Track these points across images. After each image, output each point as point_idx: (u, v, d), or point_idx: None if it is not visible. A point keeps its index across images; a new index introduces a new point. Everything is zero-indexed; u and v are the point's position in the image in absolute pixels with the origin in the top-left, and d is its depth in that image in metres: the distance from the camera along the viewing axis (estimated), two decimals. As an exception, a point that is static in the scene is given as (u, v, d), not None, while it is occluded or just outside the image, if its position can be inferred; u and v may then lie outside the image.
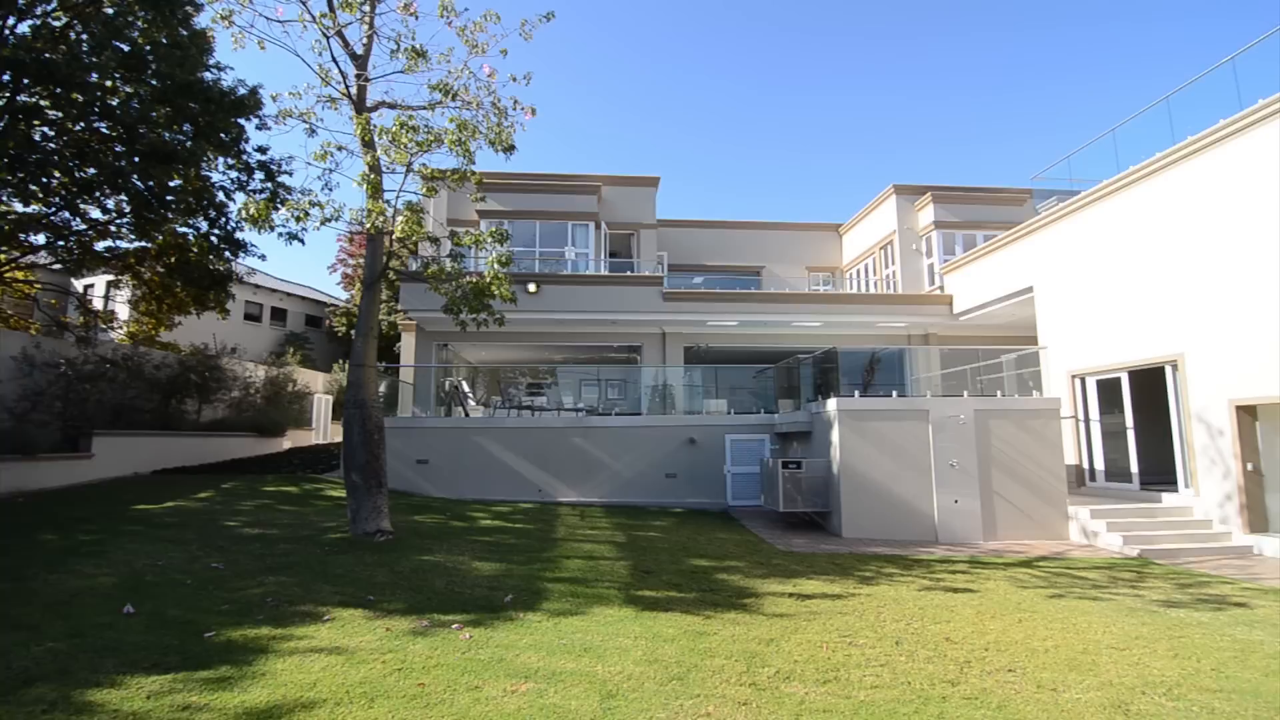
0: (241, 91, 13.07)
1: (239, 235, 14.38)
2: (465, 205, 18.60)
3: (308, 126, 9.18)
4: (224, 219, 14.12)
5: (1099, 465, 12.87)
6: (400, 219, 9.09)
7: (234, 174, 13.94)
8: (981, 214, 19.96)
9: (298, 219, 8.69)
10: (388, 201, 8.98)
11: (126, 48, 11.57)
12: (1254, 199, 9.89)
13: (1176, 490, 11.18)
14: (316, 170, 9.10)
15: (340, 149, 9.15)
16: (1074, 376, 13.44)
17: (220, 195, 13.91)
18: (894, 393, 12.27)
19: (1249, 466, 9.96)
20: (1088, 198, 13.16)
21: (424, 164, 9.63)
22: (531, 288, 16.56)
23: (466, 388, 16.50)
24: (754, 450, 14.33)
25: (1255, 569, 8.63)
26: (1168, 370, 11.39)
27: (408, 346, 18.36)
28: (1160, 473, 11.69)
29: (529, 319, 17.09)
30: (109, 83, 11.32)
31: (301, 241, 9.53)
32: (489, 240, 9.59)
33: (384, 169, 9.11)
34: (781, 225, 24.12)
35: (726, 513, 13.36)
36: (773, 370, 17.37)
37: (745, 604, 6.26)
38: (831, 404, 11.23)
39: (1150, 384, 11.90)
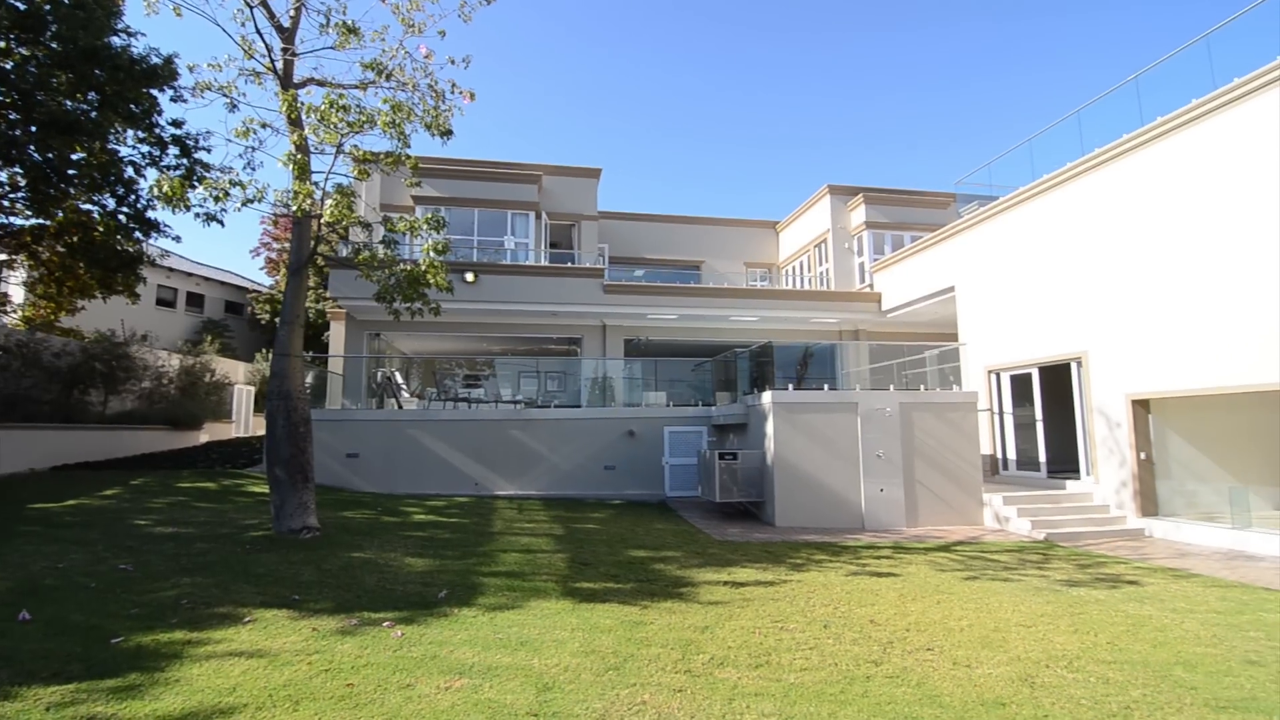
0: (155, 60, 12.21)
1: (151, 214, 13.46)
2: (400, 190, 18.01)
3: (228, 101, 8.69)
4: (134, 196, 13.19)
5: (1011, 455, 13.73)
6: (329, 202, 8.71)
7: (145, 148, 13.02)
8: (909, 216, 20.84)
9: (217, 199, 8.22)
10: (316, 183, 8.60)
11: (22, 6, 10.60)
12: (1146, 211, 10.72)
13: (1079, 478, 12.05)
14: (238, 148, 8.65)
15: (264, 126, 8.71)
16: (990, 372, 14.26)
17: (130, 171, 12.98)
18: (826, 386, 12.69)
19: (1142, 455, 10.83)
20: (1004, 203, 13.95)
21: (355, 146, 9.27)
22: (469, 277, 16.23)
23: (400, 379, 16.02)
24: (692, 442, 14.55)
25: (1146, 550, 9.41)
26: (1073, 366, 12.24)
27: (337, 336, 17.66)
28: (1065, 461, 12.57)
29: (466, 309, 16.74)
30: (1, 44, 10.35)
31: (221, 223, 9.01)
32: (424, 227, 9.33)
33: (312, 149, 8.72)
34: (721, 221, 24.48)
35: (664, 504, 13.52)
36: (711, 363, 17.65)
37: (681, 593, 6.37)
38: (767, 397, 11.52)
39: (1058, 379, 12.76)
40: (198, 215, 8.80)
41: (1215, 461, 10.84)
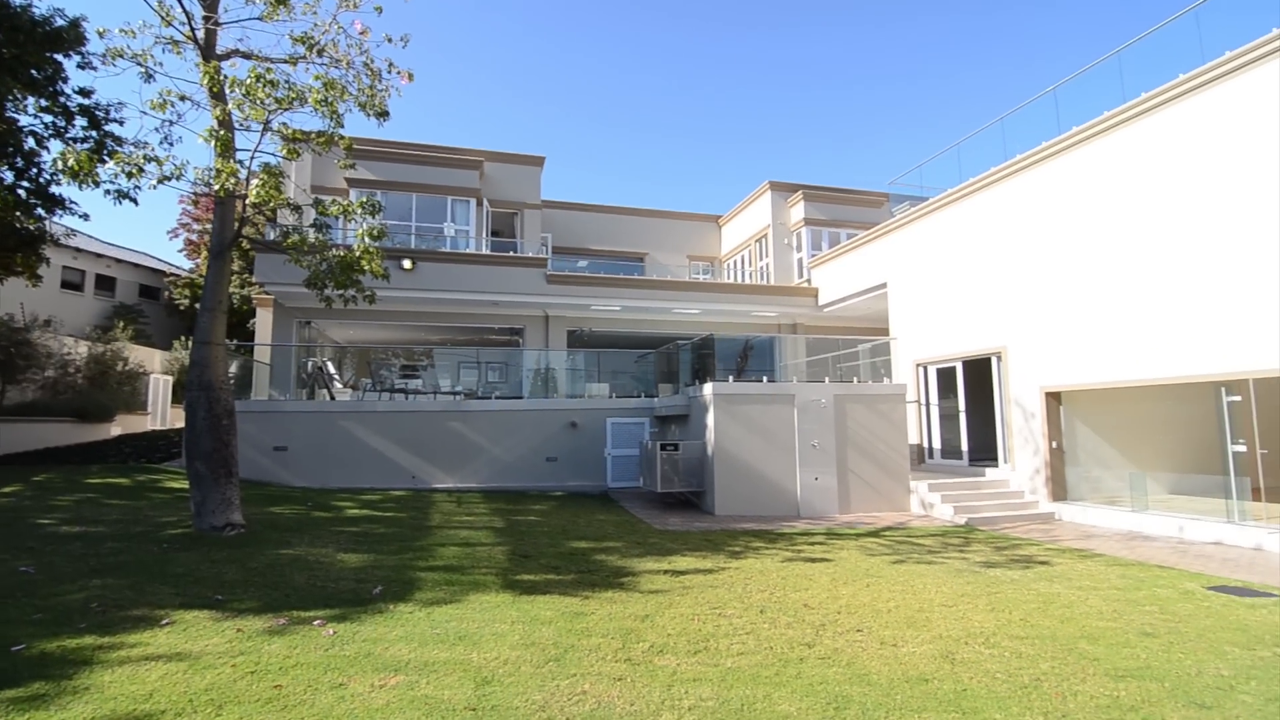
0: (59, 22, 11.26)
1: (55, 190, 12.45)
2: (333, 172, 17.28)
3: (144, 71, 8.12)
4: (36, 169, 12.17)
5: (937, 444, 14.42)
6: (255, 182, 8.27)
7: (49, 118, 12.00)
8: (846, 214, 21.49)
9: (129, 175, 7.67)
10: (241, 162, 8.16)
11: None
12: (1058, 217, 11.41)
13: (997, 466, 12.78)
14: (154, 121, 8.11)
15: (184, 99, 8.18)
16: (918, 365, 14.91)
17: (31, 142, 11.95)
18: (765, 378, 12.99)
19: (1054, 444, 11.58)
20: (933, 204, 14.57)
21: (284, 123, 8.83)
22: (407, 264, 15.77)
23: (332, 369, 15.46)
24: (634, 433, 14.63)
25: (1056, 532, 10.08)
26: (993, 361, 12.94)
27: (264, 323, 16.85)
28: (986, 450, 13.31)
29: (404, 297, 16.27)
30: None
31: (134, 201, 8.38)
32: (359, 211, 8.99)
33: (237, 125, 8.26)
34: (665, 213, 24.59)
35: (606, 495, 13.57)
36: (654, 355, 17.77)
37: (622, 583, 6.42)
38: (708, 388, 11.69)
39: (980, 373, 13.48)
40: (108, 192, 8.18)
41: (1117, 449, 11.70)
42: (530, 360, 17.22)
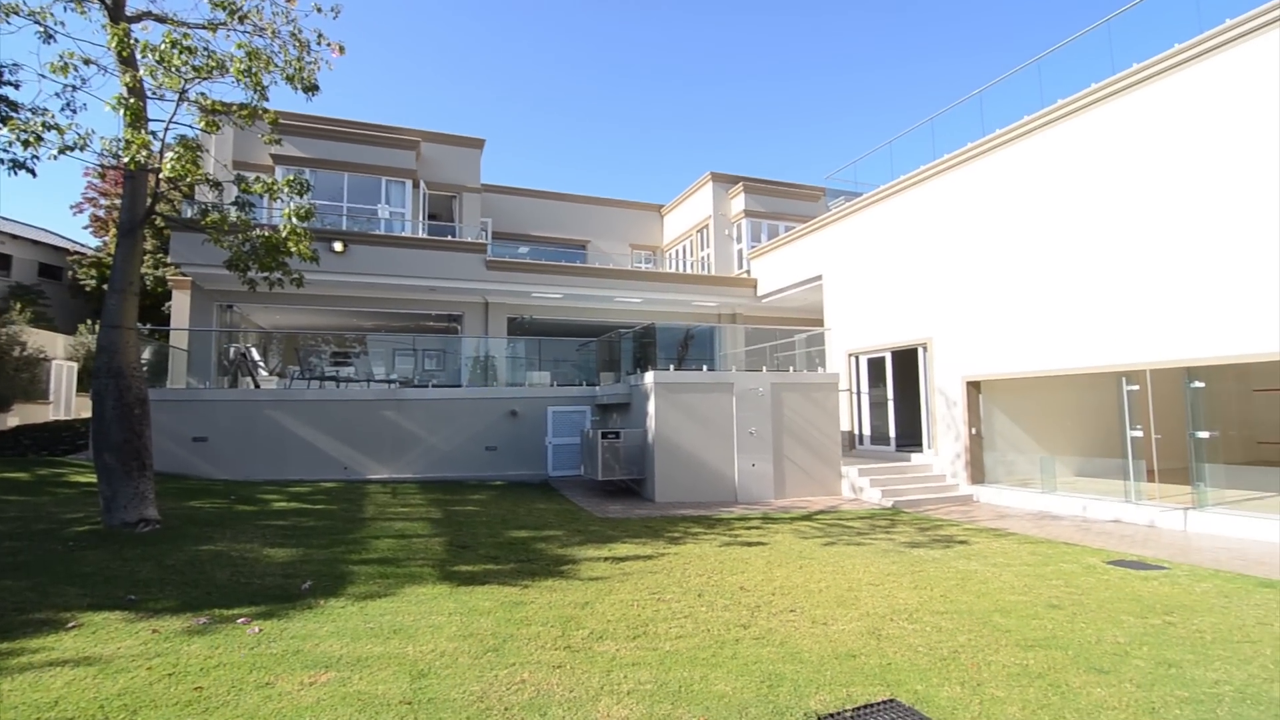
0: (-65, -29, 10.16)
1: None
2: (258, 148, 16.36)
3: (43, 30, 7.46)
4: (-90, 134, 10.99)
5: (867, 431, 15.02)
6: (170, 155, 7.73)
7: (-75, 77, 10.85)
8: (784, 206, 21.95)
9: (26, 143, 7.06)
10: (154, 133, 7.62)
11: None
12: (980, 214, 12.01)
13: (922, 451, 13.42)
14: (55, 85, 7.46)
15: (89, 63, 7.57)
16: (851, 355, 15.46)
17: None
18: (705, 367, 13.18)
19: (974, 431, 12.25)
20: (866, 200, 15.07)
21: (203, 94, 8.30)
22: (338, 246, 15.14)
23: (257, 355, 14.72)
24: (575, 421, 14.59)
25: (974, 513, 10.69)
26: (920, 351, 13.55)
27: (181, 307, 15.89)
28: (912, 436, 13.95)
29: (335, 281, 15.63)
30: None
31: (31, 172, 7.70)
32: (285, 190, 8.55)
33: (150, 94, 7.72)
34: (608, 201, 24.48)
35: (547, 483, 13.50)
36: (595, 343, 17.73)
37: (563, 571, 6.42)
38: (649, 377, 11.78)
39: (908, 362, 14.09)
40: (2, 162, 7.50)
41: (1030, 435, 12.49)
42: (469, 348, 16.87)
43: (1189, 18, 9.44)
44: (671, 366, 12.81)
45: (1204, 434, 9.20)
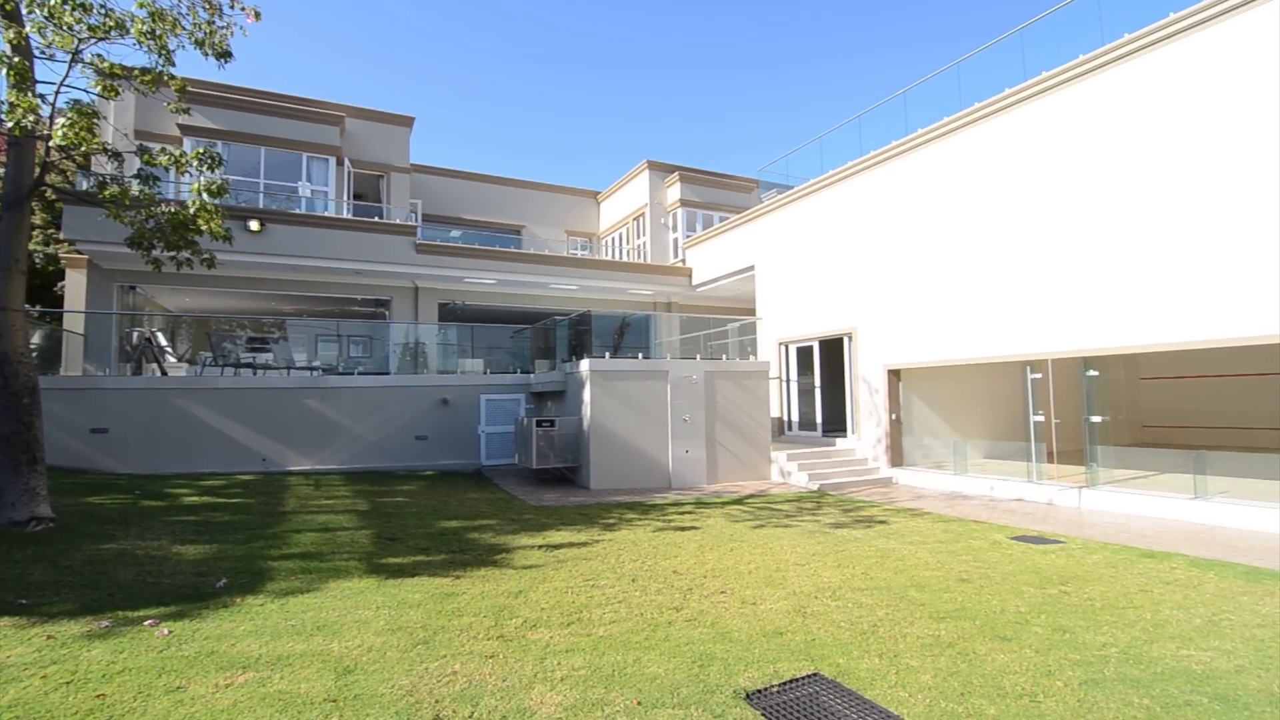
0: None
1: None
2: (164, 117, 15.21)
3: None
4: None
5: (795, 417, 15.53)
6: (62, 121, 7.08)
7: None
8: (719, 197, 22.24)
9: (-115, 103, 6.31)
10: (43, 96, 6.96)
11: None
12: (901, 210, 12.56)
13: (846, 436, 13.99)
14: (-82, 39, 6.68)
15: (-40, 15, 6.81)
16: (781, 344, 15.90)
17: None
18: (640, 355, 13.27)
19: (894, 416, 12.86)
20: (797, 193, 15.48)
21: (99, 55, 7.62)
22: (254, 225, 14.31)
23: (163, 340, 13.78)
24: (510, 410, 14.40)
25: (893, 494, 11.25)
26: (845, 341, 14.09)
27: (76, 287, 14.65)
28: (837, 422, 14.52)
29: (251, 262, 14.77)
30: None
31: (-108, 135, 6.93)
32: (195, 163, 7.99)
33: (37, 53, 7.03)
34: (544, 186, 24.11)
35: (480, 473, 13.29)
36: (530, 331, 17.50)
37: (496, 560, 6.36)
38: (585, 365, 11.74)
39: (834, 351, 14.62)
40: None
41: (945, 420, 13.23)
42: (398, 334, 16.33)
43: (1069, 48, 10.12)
44: (607, 354, 12.81)
45: (1097, 418, 10.00)
